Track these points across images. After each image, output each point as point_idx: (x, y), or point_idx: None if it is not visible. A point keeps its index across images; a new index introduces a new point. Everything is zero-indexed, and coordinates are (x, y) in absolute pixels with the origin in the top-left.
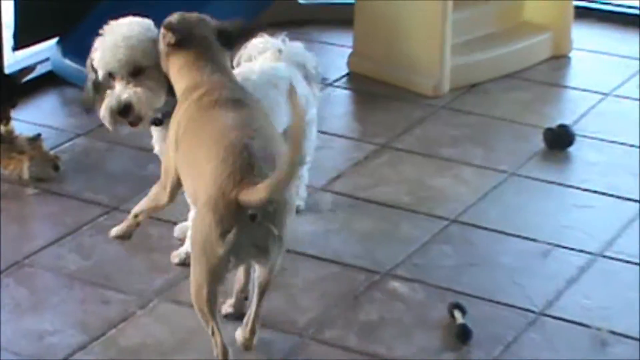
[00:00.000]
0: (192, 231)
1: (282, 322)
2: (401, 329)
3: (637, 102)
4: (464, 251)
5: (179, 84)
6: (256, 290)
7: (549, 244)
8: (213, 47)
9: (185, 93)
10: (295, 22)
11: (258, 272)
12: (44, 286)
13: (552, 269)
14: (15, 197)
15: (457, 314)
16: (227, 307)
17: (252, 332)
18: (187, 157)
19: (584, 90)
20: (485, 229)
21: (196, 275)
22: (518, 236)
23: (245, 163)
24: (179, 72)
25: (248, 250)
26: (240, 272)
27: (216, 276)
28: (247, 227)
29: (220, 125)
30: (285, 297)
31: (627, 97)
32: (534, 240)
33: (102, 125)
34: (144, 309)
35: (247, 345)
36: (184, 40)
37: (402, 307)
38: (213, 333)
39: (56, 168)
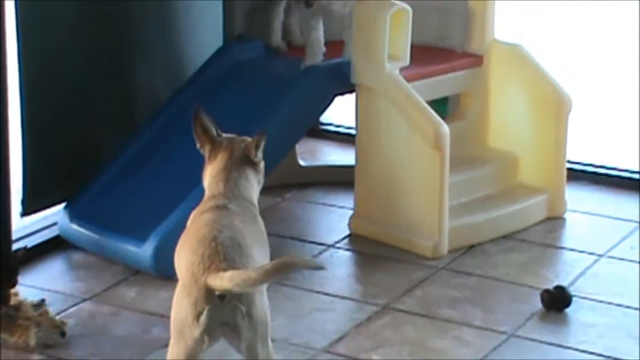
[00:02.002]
0: (171, 315)
1: None
2: None
3: (632, 264)
4: None
5: (207, 191)
6: None
7: None
8: (239, 168)
9: (205, 201)
10: (297, 185)
11: None
12: None
13: None
14: None
15: None
16: None
17: None
18: (177, 253)
19: (580, 251)
20: None
21: (173, 356)
22: None
23: (213, 251)
24: (209, 182)
25: (220, 329)
26: None
27: (192, 356)
28: (218, 307)
29: (198, 225)
30: None
31: (622, 259)
32: None
33: (107, 289)
34: None
35: None
36: (216, 145)
37: None
38: None
39: (63, 334)
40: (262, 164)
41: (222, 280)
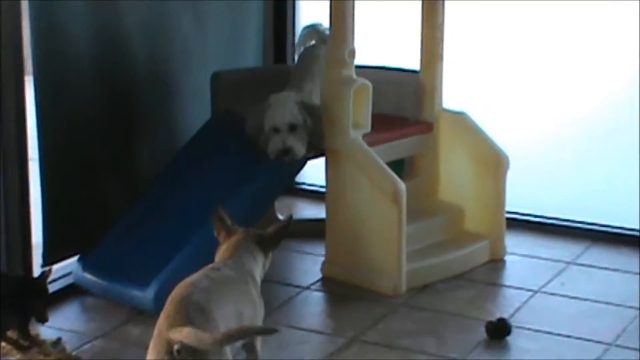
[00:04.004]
0: None
1: None
2: None
3: (562, 298)
4: None
5: (216, 258)
6: None
7: None
8: (248, 246)
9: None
10: None
11: None
12: None
13: None
14: None
15: None
16: None
17: None
18: None
19: (518, 288)
20: None
21: None
22: None
23: (176, 310)
24: (219, 256)
25: None
26: None
27: None
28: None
29: (180, 284)
30: None
31: (553, 294)
32: None
33: (115, 328)
34: None
35: None
36: (230, 232)
37: None
38: None
39: None
40: (271, 254)
41: (179, 333)
